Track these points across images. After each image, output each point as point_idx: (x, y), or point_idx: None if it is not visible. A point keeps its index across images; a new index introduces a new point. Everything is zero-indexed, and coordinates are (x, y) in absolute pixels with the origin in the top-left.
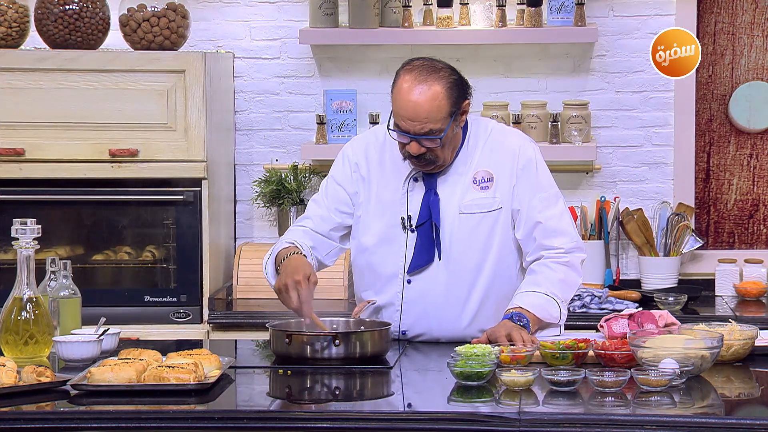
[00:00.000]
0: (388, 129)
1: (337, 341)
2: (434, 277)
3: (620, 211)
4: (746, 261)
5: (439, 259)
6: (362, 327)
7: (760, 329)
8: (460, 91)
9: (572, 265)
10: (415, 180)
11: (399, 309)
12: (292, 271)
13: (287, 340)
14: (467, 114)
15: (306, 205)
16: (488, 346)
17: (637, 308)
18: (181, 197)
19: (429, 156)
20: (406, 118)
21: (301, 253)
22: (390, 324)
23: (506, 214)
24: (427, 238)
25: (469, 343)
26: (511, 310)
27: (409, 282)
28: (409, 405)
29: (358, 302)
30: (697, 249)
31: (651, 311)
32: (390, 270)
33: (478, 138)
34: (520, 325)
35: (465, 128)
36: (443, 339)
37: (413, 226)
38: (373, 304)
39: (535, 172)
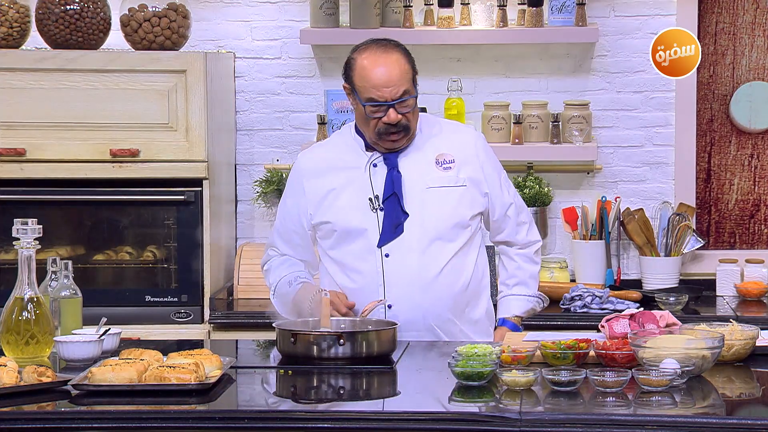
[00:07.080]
0: (364, 106)
1: (341, 340)
2: (409, 248)
3: (621, 211)
4: (747, 261)
5: (405, 220)
6: (369, 326)
7: (761, 329)
8: (413, 62)
9: (539, 254)
10: (375, 165)
11: (381, 283)
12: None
13: (293, 339)
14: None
15: None
16: (489, 345)
17: (638, 308)
18: (182, 197)
19: (404, 122)
20: (381, 86)
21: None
22: (396, 324)
23: (470, 193)
24: (394, 211)
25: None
26: (508, 318)
27: (387, 256)
28: (409, 405)
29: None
30: (698, 249)
31: (652, 311)
32: (366, 249)
33: (430, 126)
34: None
35: None
36: (432, 319)
37: (381, 204)
38: (383, 303)
39: (493, 157)
